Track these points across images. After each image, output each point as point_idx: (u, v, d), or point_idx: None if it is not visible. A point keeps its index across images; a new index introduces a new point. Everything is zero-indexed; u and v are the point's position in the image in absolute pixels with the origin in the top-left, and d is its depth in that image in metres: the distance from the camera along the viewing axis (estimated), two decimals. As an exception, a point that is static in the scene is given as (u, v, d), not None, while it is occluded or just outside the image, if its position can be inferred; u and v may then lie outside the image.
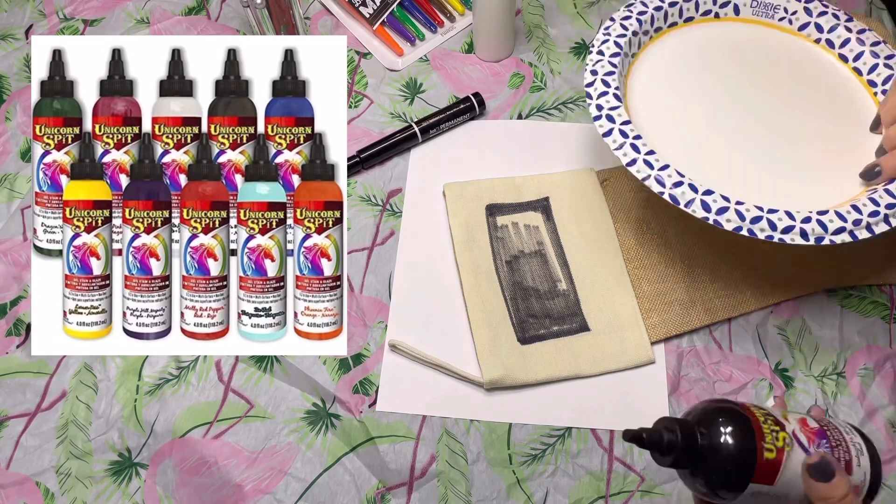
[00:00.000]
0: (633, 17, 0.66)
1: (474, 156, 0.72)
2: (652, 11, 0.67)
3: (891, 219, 0.55)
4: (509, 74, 0.76)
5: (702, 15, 0.68)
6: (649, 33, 0.67)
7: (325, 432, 0.60)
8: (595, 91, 0.61)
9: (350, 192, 0.70)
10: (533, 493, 0.57)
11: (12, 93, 0.79)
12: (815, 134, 0.62)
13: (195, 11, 0.83)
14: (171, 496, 0.58)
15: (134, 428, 0.60)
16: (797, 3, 0.67)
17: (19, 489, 0.59)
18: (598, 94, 0.61)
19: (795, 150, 0.61)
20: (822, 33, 0.67)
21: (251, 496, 0.57)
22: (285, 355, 0.63)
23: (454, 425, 0.59)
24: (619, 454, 0.58)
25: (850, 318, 0.63)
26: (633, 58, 0.66)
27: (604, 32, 0.65)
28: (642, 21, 0.66)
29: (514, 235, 0.67)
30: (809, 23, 0.67)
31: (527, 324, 0.63)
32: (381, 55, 0.78)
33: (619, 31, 0.65)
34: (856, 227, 0.55)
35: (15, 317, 0.66)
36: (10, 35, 0.83)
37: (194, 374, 0.62)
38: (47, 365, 0.64)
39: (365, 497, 0.57)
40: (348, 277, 0.66)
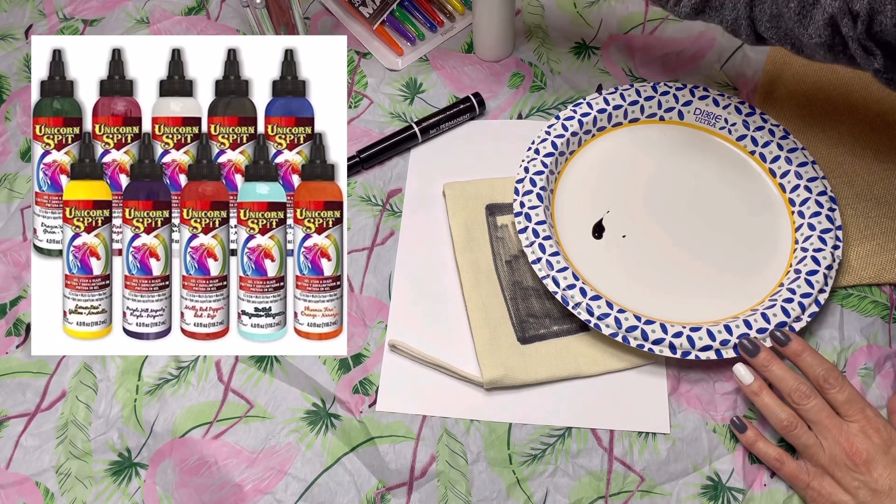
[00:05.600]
0: (577, 117, 0.69)
1: (474, 156, 0.72)
2: (595, 113, 0.70)
3: None
4: (509, 74, 0.76)
5: (647, 117, 0.71)
6: (591, 132, 0.70)
7: (325, 432, 0.60)
8: (522, 187, 0.66)
9: (350, 192, 0.70)
10: (533, 493, 0.57)
11: (12, 93, 0.79)
12: (724, 246, 0.65)
13: (195, 11, 0.83)
14: (170, 496, 0.58)
15: (134, 428, 0.60)
16: (737, 115, 0.69)
17: (19, 489, 0.59)
18: (524, 192, 0.65)
19: (698, 260, 0.64)
20: (756, 146, 0.68)
21: (251, 496, 0.57)
22: (285, 355, 0.63)
23: (454, 425, 0.59)
24: (619, 454, 0.58)
25: (850, 317, 0.63)
26: (570, 155, 0.69)
27: (545, 131, 0.68)
28: (583, 122, 0.69)
29: (514, 235, 0.67)
30: (746, 135, 0.68)
31: (527, 323, 0.63)
32: (381, 55, 0.78)
33: (558, 132, 0.68)
34: (723, 347, 0.58)
35: (15, 317, 0.66)
36: (9, 35, 0.83)
37: (194, 374, 0.62)
38: (47, 365, 0.64)
39: (365, 497, 0.57)
40: (348, 277, 0.66)
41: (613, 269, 0.64)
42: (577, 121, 0.69)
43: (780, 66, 0.74)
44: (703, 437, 0.58)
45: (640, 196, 0.68)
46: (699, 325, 0.59)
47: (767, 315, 0.59)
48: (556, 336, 0.62)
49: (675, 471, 0.57)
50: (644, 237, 0.65)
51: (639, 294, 0.62)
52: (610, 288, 0.62)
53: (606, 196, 0.68)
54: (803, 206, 0.65)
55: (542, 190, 0.65)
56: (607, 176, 0.69)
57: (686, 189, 0.68)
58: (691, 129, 0.71)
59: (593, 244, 0.65)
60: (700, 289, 0.63)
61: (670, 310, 0.61)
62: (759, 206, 0.67)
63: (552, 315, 0.63)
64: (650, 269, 0.64)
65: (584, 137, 0.70)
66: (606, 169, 0.69)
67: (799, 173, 0.66)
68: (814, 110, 0.71)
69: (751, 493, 0.56)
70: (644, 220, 0.66)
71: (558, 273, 0.61)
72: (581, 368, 0.61)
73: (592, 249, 0.65)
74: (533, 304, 0.63)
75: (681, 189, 0.68)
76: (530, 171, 0.66)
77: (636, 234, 0.66)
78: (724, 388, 0.60)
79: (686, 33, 0.78)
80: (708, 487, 0.57)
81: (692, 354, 0.58)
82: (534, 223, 0.63)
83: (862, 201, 0.66)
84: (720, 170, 0.68)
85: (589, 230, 0.66)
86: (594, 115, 0.69)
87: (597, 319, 0.60)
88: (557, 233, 0.65)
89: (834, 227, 0.63)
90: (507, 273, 0.65)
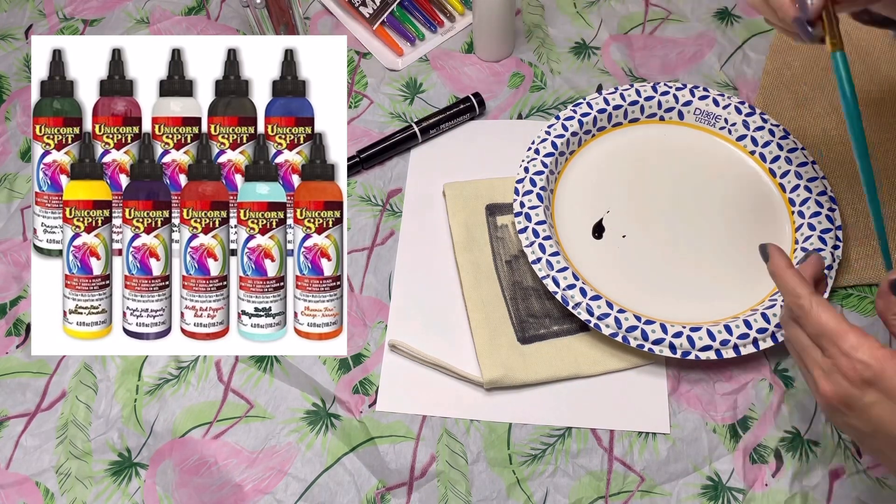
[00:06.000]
0: (577, 117, 0.69)
1: (474, 156, 0.72)
2: (595, 113, 0.69)
3: (759, 342, 0.59)
4: (509, 74, 0.76)
5: (647, 117, 0.71)
6: (591, 132, 0.70)
7: (325, 432, 0.60)
8: (522, 187, 0.66)
9: (350, 192, 0.70)
10: (533, 493, 0.57)
11: (12, 93, 0.79)
12: (724, 246, 0.65)
13: (195, 11, 0.83)
14: (170, 496, 0.58)
15: (134, 428, 0.60)
16: (737, 115, 0.69)
17: (19, 489, 0.59)
18: (524, 192, 0.65)
19: (699, 260, 0.64)
20: (756, 146, 0.68)
21: (251, 496, 0.57)
22: (285, 355, 0.63)
23: (454, 425, 0.59)
24: (619, 454, 0.58)
25: (850, 317, 0.63)
26: (570, 155, 0.69)
27: (545, 131, 0.68)
28: (583, 122, 0.69)
29: (514, 235, 0.67)
30: (746, 135, 0.68)
31: (527, 324, 0.63)
32: (381, 55, 0.78)
33: (558, 132, 0.68)
34: (723, 347, 0.58)
35: (15, 317, 0.66)
36: (9, 35, 0.83)
37: (194, 374, 0.62)
38: (47, 365, 0.64)
39: (365, 497, 0.57)
40: (348, 277, 0.66)
41: (613, 269, 0.64)
42: (577, 121, 0.69)
43: (780, 66, 0.74)
44: (703, 437, 0.58)
45: (640, 196, 0.67)
46: (699, 325, 0.59)
47: (767, 315, 0.59)
48: (556, 336, 0.62)
49: (675, 471, 0.57)
50: (644, 237, 0.65)
51: (639, 294, 0.62)
52: (610, 288, 0.62)
53: (606, 196, 0.68)
54: (803, 206, 0.65)
55: (542, 190, 0.65)
56: (607, 176, 0.68)
57: (686, 189, 0.68)
58: (691, 128, 0.71)
59: (593, 244, 0.65)
60: (700, 289, 0.63)
61: (670, 310, 0.61)
62: (759, 206, 0.66)
63: (552, 315, 0.63)
64: (650, 269, 0.64)
65: (584, 137, 0.69)
66: (606, 169, 0.69)
67: (799, 173, 0.66)
68: (814, 110, 0.71)
69: (751, 493, 0.56)
70: (644, 221, 0.66)
71: (558, 273, 0.61)
72: (581, 368, 0.61)
73: (592, 249, 0.65)
74: (533, 304, 0.63)
75: (681, 189, 0.68)
76: (530, 171, 0.66)
77: (636, 234, 0.66)
78: (724, 388, 0.60)
79: (686, 33, 0.78)
80: (708, 487, 0.57)
81: (692, 354, 0.58)
82: (534, 223, 0.63)
83: (862, 201, 0.66)
84: (720, 170, 0.68)
85: (589, 230, 0.66)
86: (594, 114, 0.69)
87: (597, 319, 0.60)
88: (557, 233, 0.65)
89: (834, 227, 0.63)
90: (507, 273, 0.65)
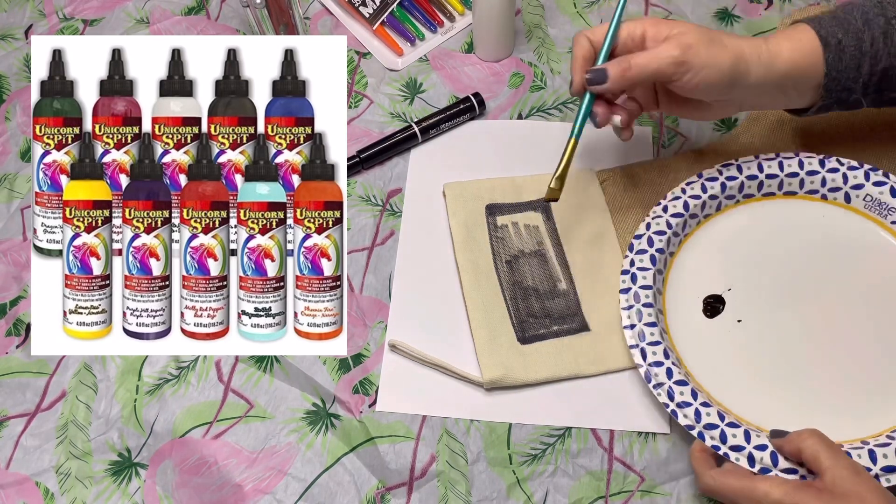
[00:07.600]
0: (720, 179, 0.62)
1: (474, 156, 0.72)
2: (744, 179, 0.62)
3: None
4: (509, 74, 0.76)
5: (806, 192, 0.62)
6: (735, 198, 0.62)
7: (325, 432, 0.60)
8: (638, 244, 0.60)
9: (350, 192, 0.70)
10: (533, 493, 0.57)
11: (12, 93, 0.79)
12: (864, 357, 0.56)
13: (195, 11, 0.83)
14: (170, 496, 0.58)
15: (134, 428, 0.60)
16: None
17: (19, 489, 0.59)
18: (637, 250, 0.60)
19: (823, 365, 0.56)
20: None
21: (251, 496, 0.57)
22: (285, 355, 0.63)
23: (454, 425, 0.59)
24: (619, 454, 0.58)
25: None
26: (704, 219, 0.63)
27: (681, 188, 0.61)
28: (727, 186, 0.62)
29: (514, 235, 0.67)
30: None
31: (527, 323, 0.63)
32: (381, 55, 0.78)
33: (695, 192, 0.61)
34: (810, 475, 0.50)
35: (15, 317, 0.66)
36: (9, 35, 0.83)
37: (194, 374, 0.62)
38: (47, 365, 0.64)
39: (365, 497, 0.57)
40: (348, 277, 0.66)
41: (717, 354, 0.58)
42: (721, 184, 0.62)
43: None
44: (703, 437, 0.58)
45: (772, 280, 0.60)
46: None
47: (875, 454, 0.50)
48: (556, 336, 0.62)
49: (675, 471, 0.57)
50: (764, 325, 0.58)
51: (736, 390, 0.56)
52: (705, 374, 0.56)
53: (731, 273, 0.60)
54: None
55: (658, 252, 0.60)
56: (739, 250, 0.61)
57: (832, 283, 0.59)
58: (856, 214, 0.61)
59: (702, 323, 0.59)
60: (813, 399, 0.55)
61: (768, 416, 0.54)
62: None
63: (552, 315, 0.63)
64: (760, 362, 0.57)
65: (724, 202, 0.62)
66: (741, 243, 0.61)
67: None
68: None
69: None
70: (769, 308, 0.59)
71: (648, 346, 0.57)
72: (581, 368, 0.61)
73: (698, 328, 0.59)
74: (533, 303, 0.63)
75: (825, 283, 0.59)
76: (651, 229, 0.61)
77: (755, 320, 0.58)
78: (724, 388, 0.60)
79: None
80: (708, 487, 0.57)
81: (772, 473, 0.51)
82: (637, 286, 0.59)
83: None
84: (881, 270, 0.59)
85: (700, 306, 0.60)
86: (742, 180, 0.62)
87: (675, 406, 0.55)
88: (665, 302, 0.60)
89: None
90: (507, 273, 0.65)
